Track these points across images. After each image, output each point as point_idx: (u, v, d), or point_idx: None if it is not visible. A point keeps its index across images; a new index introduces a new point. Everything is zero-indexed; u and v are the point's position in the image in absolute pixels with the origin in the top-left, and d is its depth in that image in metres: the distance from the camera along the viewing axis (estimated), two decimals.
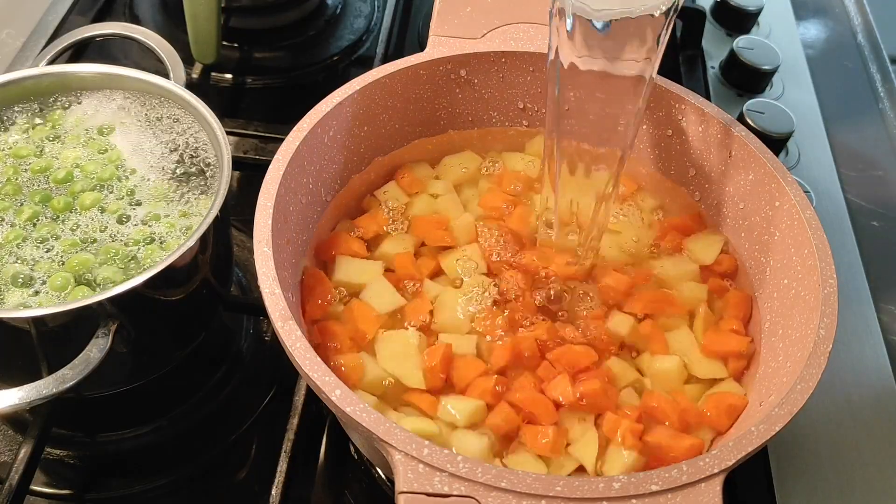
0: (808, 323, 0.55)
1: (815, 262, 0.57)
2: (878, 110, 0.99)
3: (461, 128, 0.73)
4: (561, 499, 0.44)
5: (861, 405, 0.72)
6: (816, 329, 0.53)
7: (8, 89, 0.67)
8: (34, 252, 0.58)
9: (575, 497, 0.44)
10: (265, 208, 0.56)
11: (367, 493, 0.66)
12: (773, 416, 0.49)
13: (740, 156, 0.65)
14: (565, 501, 0.44)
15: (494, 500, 0.44)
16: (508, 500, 0.44)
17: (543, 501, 0.44)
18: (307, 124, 0.61)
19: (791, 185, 0.61)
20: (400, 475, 0.45)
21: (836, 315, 0.54)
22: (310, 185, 0.63)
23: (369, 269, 0.64)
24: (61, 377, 0.52)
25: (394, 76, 0.67)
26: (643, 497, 0.45)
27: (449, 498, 0.44)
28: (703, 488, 0.46)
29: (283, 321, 0.51)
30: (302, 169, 0.61)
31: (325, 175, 0.65)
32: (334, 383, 0.48)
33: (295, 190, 0.60)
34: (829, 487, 0.67)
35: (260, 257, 0.53)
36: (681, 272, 0.66)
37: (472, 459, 0.45)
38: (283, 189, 0.58)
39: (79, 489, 0.65)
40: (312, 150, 0.62)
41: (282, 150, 0.59)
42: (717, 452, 0.47)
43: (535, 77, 0.70)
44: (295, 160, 0.59)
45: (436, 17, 0.71)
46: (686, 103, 0.67)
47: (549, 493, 0.44)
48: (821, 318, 0.54)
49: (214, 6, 0.83)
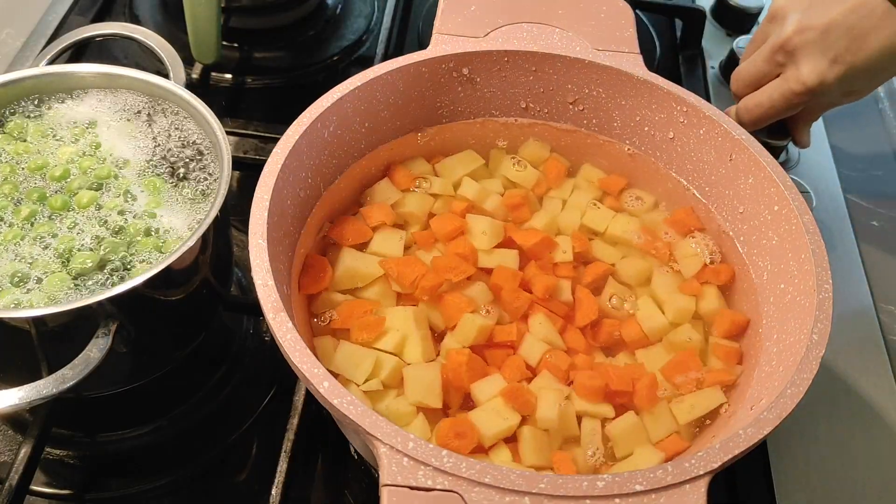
0: (802, 328, 0.55)
1: (811, 266, 0.57)
2: (878, 110, 0.99)
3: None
4: (544, 496, 0.44)
5: (861, 404, 0.72)
6: (810, 334, 0.53)
7: (8, 89, 0.66)
8: (32, 250, 0.58)
9: (558, 494, 0.44)
10: (262, 201, 0.56)
11: (367, 493, 0.66)
12: (762, 420, 0.49)
13: (740, 159, 0.65)
14: (549, 499, 0.44)
15: (478, 496, 0.44)
16: (492, 495, 0.44)
17: (527, 498, 0.44)
18: (307, 118, 0.61)
19: (790, 190, 0.61)
20: (384, 468, 0.45)
21: (830, 320, 0.54)
22: (308, 179, 0.63)
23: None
24: (61, 377, 0.52)
25: (396, 73, 0.66)
26: (627, 497, 0.45)
27: (432, 492, 0.44)
28: (687, 489, 0.45)
29: (274, 313, 0.51)
30: (301, 163, 0.61)
31: (323, 170, 0.65)
32: (322, 375, 0.48)
33: (293, 184, 0.60)
34: (829, 486, 0.67)
35: (254, 249, 0.53)
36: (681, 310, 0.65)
37: (457, 455, 0.45)
38: (281, 182, 0.58)
39: (79, 489, 0.65)
40: (312, 145, 0.62)
41: (281, 144, 0.59)
42: (702, 454, 0.47)
43: (537, 77, 0.70)
44: (293, 154, 0.59)
45: (439, 15, 0.71)
46: (687, 105, 0.67)
47: (533, 490, 0.44)
48: (815, 322, 0.54)
49: (214, 6, 0.83)
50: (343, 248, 0.65)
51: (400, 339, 0.59)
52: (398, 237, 0.66)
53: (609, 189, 0.72)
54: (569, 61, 0.69)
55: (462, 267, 0.63)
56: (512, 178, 0.71)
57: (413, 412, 0.57)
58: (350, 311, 0.61)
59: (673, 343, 0.63)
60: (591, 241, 0.68)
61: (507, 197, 0.69)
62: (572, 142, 0.74)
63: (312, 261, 0.63)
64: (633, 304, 0.65)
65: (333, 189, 0.67)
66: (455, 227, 0.66)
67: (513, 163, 0.72)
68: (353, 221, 0.66)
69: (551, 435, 0.57)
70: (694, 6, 1.03)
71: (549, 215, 0.69)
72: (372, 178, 0.70)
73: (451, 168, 0.71)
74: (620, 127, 0.71)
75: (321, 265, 0.63)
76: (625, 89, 0.69)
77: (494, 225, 0.67)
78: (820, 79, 0.71)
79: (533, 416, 0.57)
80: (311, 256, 0.63)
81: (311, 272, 0.62)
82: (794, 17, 0.72)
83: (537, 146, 0.73)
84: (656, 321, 0.64)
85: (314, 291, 0.62)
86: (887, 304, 0.80)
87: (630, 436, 0.58)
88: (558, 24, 0.71)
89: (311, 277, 0.62)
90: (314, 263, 0.63)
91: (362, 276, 0.63)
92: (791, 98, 0.74)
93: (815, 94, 0.72)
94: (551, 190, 0.72)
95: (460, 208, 0.68)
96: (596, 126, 0.72)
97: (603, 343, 0.64)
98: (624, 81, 0.69)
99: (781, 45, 0.73)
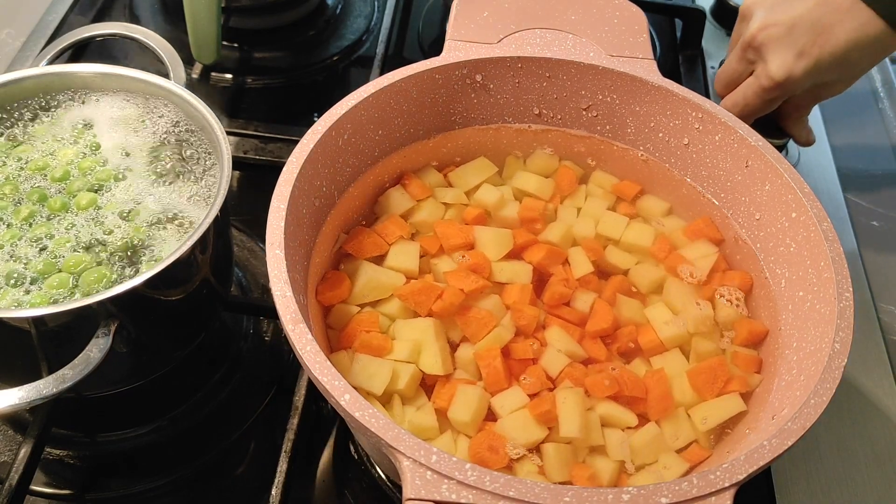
0: (823, 336, 0.55)
1: (831, 274, 0.56)
2: (878, 110, 0.99)
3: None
4: None
5: (861, 404, 0.72)
6: (831, 342, 0.53)
7: (8, 89, 0.66)
8: (28, 251, 0.58)
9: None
10: (278, 211, 0.55)
11: (367, 493, 0.66)
12: (786, 431, 0.49)
13: (757, 166, 0.64)
14: None
15: None
16: None
17: None
18: (322, 126, 0.61)
19: (808, 197, 0.61)
20: (408, 482, 0.44)
21: (851, 329, 0.53)
22: (322, 187, 0.62)
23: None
24: (61, 377, 0.52)
25: (409, 80, 0.66)
26: None
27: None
28: (713, 502, 0.45)
29: (293, 324, 0.50)
30: (315, 171, 0.61)
31: (338, 178, 0.64)
32: (343, 387, 0.48)
33: (308, 192, 0.60)
34: (829, 485, 0.67)
35: (272, 260, 0.53)
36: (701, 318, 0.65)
37: (481, 468, 0.45)
38: (297, 191, 0.57)
39: (79, 489, 0.65)
40: (326, 153, 0.62)
41: (296, 153, 0.59)
42: (727, 466, 0.47)
43: (550, 83, 0.70)
44: (309, 163, 0.59)
45: (452, 22, 0.71)
46: (703, 111, 0.66)
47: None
48: (836, 331, 0.53)
49: (214, 6, 0.83)
50: (360, 260, 0.64)
51: (412, 349, 0.59)
52: (414, 250, 0.65)
53: (623, 195, 0.72)
54: (582, 67, 0.69)
55: (475, 281, 0.62)
56: (525, 188, 0.71)
57: (436, 427, 0.57)
58: (356, 326, 0.61)
59: (698, 352, 0.62)
60: (605, 249, 0.68)
61: (522, 209, 0.69)
62: (586, 148, 0.73)
63: (330, 272, 0.63)
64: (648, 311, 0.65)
65: (347, 197, 0.66)
66: (463, 242, 0.66)
67: (526, 172, 0.72)
68: (369, 234, 0.66)
69: (576, 446, 0.57)
70: (694, 6, 1.03)
71: (564, 226, 0.69)
72: (385, 186, 0.70)
73: (463, 177, 0.71)
74: (634, 133, 0.71)
75: (338, 277, 0.63)
76: (639, 95, 0.69)
77: (502, 235, 0.66)
78: (787, 73, 0.72)
79: (556, 428, 0.57)
80: (328, 268, 0.63)
81: (328, 283, 0.62)
82: (759, 15, 0.74)
83: (546, 157, 0.73)
84: (673, 329, 0.63)
85: (333, 302, 0.62)
86: (887, 304, 0.80)
87: (651, 448, 0.58)
88: (571, 29, 0.71)
89: (329, 288, 0.62)
90: (331, 275, 0.63)
91: (383, 288, 0.62)
92: (763, 94, 0.75)
93: (785, 88, 0.73)
94: (566, 199, 0.72)
95: (472, 216, 0.68)
96: (610, 132, 0.72)
97: (620, 351, 0.63)
98: (638, 87, 0.68)
99: (749, 43, 0.74)
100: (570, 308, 0.64)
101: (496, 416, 0.58)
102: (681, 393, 0.60)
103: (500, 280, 0.64)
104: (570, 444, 0.57)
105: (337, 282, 0.62)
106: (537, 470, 0.56)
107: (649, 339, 0.63)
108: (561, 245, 0.67)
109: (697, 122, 0.67)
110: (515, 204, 0.69)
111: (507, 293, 0.64)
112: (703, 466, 0.57)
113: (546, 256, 0.65)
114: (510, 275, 0.64)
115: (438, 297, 0.61)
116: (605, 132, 0.72)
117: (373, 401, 0.57)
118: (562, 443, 0.57)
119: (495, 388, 0.59)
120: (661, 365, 0.62)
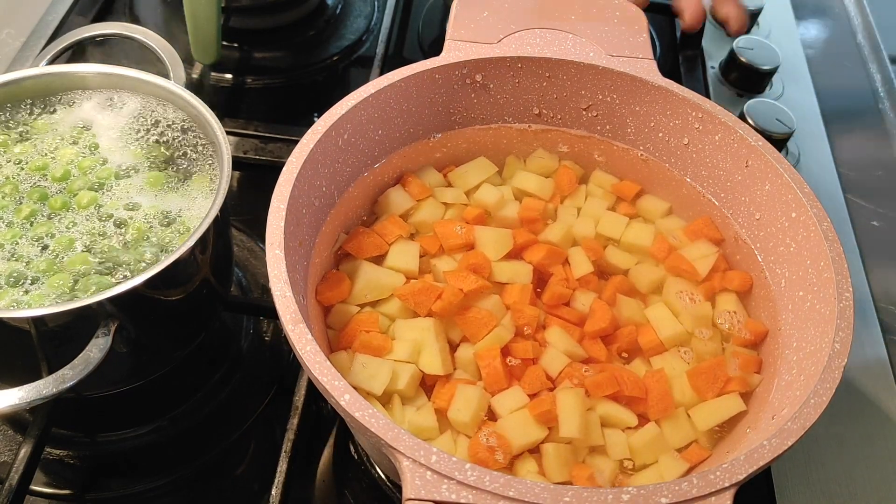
0: (822, 336, 0.55)
1: (831, 274, 0.57)
2: (878, 110, 0.99)
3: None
4: None
5: (861, 404, 0.72)
6: (831, 342, 0.53)
7: (8, 89, 0.66)
8: (29, 250, 0.58)
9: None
10: (278, 211, 0.55)
11: (367, 493, 0.66)
12: (786, 431, 0.49)
13: (757, 166, 0.64)
14: None
15: None
16: None
17: None
18: (322, 126, 0.61)
19: (808, 197, 0.61)
20: (407, 482, 0.44)
21: (851, 329, 0.54)
22: (323, 187, 0.62)
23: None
24: (61, 377, 0.52)
25: (409, 80, 0.66)
26: None
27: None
28: (713, 502, 0.45)
29: (293, 324, 0.50)
30: (315, 171, 0.61)
31: (338, 178, 0.64)
32: (343, 387, 0.48)
33: (308, 192, 0.60)
34: (829, 486, 0.67)
35: (272, 260, 0.53)
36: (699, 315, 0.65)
37: (481, 468, 0.45)
38: (297, 191, 0.57)
39: (79, 489, 0.65)
40: (326, 153, 0.62)
41: (296, 153, 0.59)
42: (727, 466, 0.47)
43: (550, 83, 0.70)
44: (309, 163, 0.59)
45: (452, 22, 0.71)
46: (703, 111, 0.67)
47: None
48: (836, 331, 0.53)
49: (214, 6, 0.83)
50: (360, 260, 0.64)
51: (412, 349, 0.59)
52: (414, 250, 0.65)
53: (623, 195, 0.72)
54: (582, 67, 0.69)
55: (475, 281, 0.62)
56: (525, 188, 0.71)
57: (436, 427, 0.57)
58: (356, 326, 0.61)
59: (698, 352, 0.62)
60: (605, 249, 0.68)
61: (522, 209, 0.69)
62: (585, 148, 0.73)
63: (330, 272, 0.63)
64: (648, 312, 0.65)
65: (347, 197, 0.66)
66: (463, 243, 0.66)
67: (526, 172, 0.72)
68: (369, 234, 0.66)
69: (576, 446, 0.57)
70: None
71: (564, 226, 0.69)
72: (385, 186, 0.70)
73: (463, 177, 0.71)
74: (634, 133, 0.71)
75: (338, 277, 0.63)
76: (639, 95, 0.69)
77: (502, 235, 0.66)
78: None
79: (556, 428, 0.57)
80: (328, 268, 0.63)
81: (328, 283, 0.62)
82: None
83: (546, 157, 0.73)
84: (672, 328, 0.63)
85: (333, 302, 0.62)
86: (887, 304, 0.80)
87: (652, 448, 0.58)
88: (571, 29, 0.71)
89: (329, 288, 0.62)
90: (331, 275, 0.63)
91: (383, 288, 0.63)
92: None
93: None
94: (566, 199, 0.72)
95: (472, 215, 0.68)
96: (609, 132, 0.72)
97: (621, 351, 0.63)
98: (638, 87, 0.68)
99: None
100: (570, 308, 0.64)
101: (496, 415, 0.58)
102: (681, 393, 0.60)
103: (500, 280, 0.64)
104: (570, 444, 0.57)
105: (337, 282, 0.62)
106: (537, 470, 0.56)
107: (649, 339, 0.63)
108: (561, 245, 0.67)
109: (697, 121, 0.67)
110: (515, 204, 0.69)
111: (507, 293, 0.64)
112: (703, 466, 0.57)
113: (546, 256, 0.65)
114: (510, 275, 0.64)
115: (438, 297, 0.61)
116: (605, 132, 0.72)
117: (373, 401, 0.57)
118: (562, 443, 0.57)
119: (495, 388, 0.59)
120: (660, 365, 0.62)
